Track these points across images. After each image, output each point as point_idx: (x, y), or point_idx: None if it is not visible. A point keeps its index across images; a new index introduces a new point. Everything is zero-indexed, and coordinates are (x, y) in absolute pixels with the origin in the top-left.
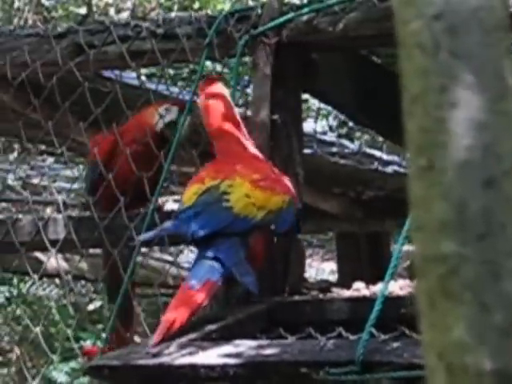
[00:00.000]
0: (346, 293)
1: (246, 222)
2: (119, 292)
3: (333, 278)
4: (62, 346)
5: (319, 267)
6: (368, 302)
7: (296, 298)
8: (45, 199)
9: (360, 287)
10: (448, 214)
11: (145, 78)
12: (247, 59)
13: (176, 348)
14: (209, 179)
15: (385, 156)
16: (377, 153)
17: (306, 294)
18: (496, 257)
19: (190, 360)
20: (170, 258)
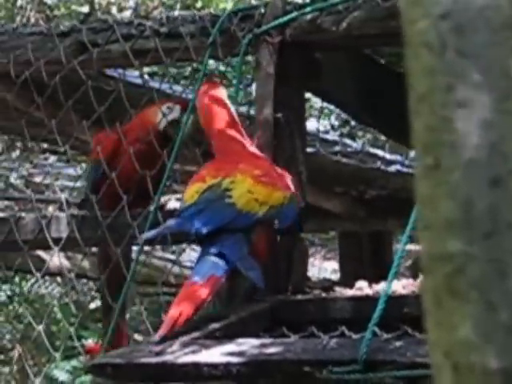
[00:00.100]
0: (349, 292)
1: (248, 218)
2: (117, 290)
3: (335, 277)
4: (64, 345)
5: (321, 266)
6: (371, 301)
7: (299, 296)
8: (47, 197)
9: (363, 286)
10: (454, 212)
11: (147, 77)
12: (250, 58)
13: (179, 346)
14: (210, 177)
15: (387, 155)
16: (379, 152)
17: (308, 293)
18: (502, 255)
19: (193, 358)
20: (171, 256)
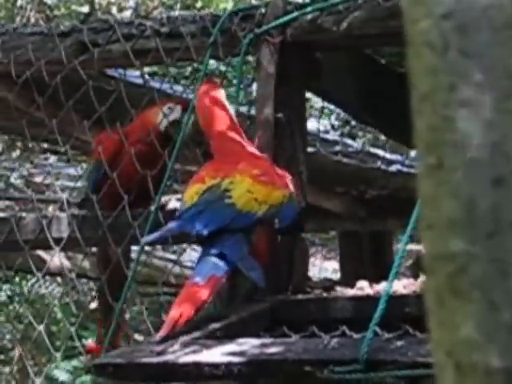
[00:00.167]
0: (350, 291)
1: (248, 218)
2: (116, 289)
3: (335, 276)
4: (64, 345)
5: (321, 266)
6: (372, 300)
7: (300, 296)
8: (47, 197)
9: (364, 286)
10: (457, 212)
11: (147, 77)
12: (250, 58)
13: (180, 346)
14: (209, 178)
15: (388, 155)
16: (380, 152)
17: (309, 293)
18: (505, 255)
19: (194, 358)
20: (172, 256)
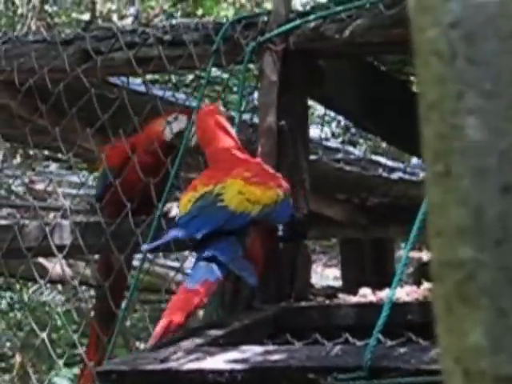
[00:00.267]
0: (353, 299)
1: (242, 218)
2: (117, 297)
3: (336, 284)
4: (64, 352)
5: (322, 273)
6: (374, 307)
7: (302, 303)
8: (49, 205)
9: (366, 293)
10: (465, 219)
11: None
12: (252, 66)
13: (183, 353)
14: (201, 186)
15: (390, 162)
16: (382, 159)
17: (312, 300)
18: None
19: (198, 365)
20: (173, 263)
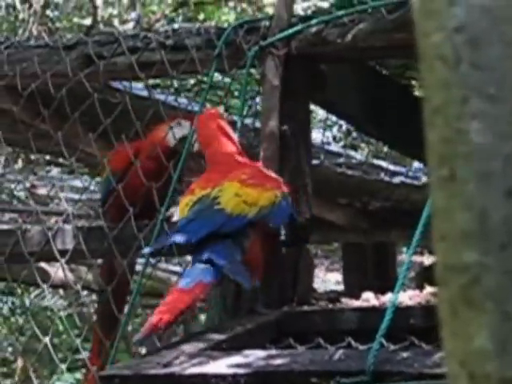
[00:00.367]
0: (355, 303)
1: (239, 220)
2: (119, 302)
3: (338, 288)
4: (65, 357)
5: (324, 278)
6: (377, 312)
7: (305, 308)
8: (51, 209)
9: (369, 297)
10: (470, 224)
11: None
12: (253, 71)
13: (186, 358)
14: (199, 189)
15: (391, 167)
16: (383, 163)
17: (314, 305)
18: None
19: (201, 370)
20: (175, 268)
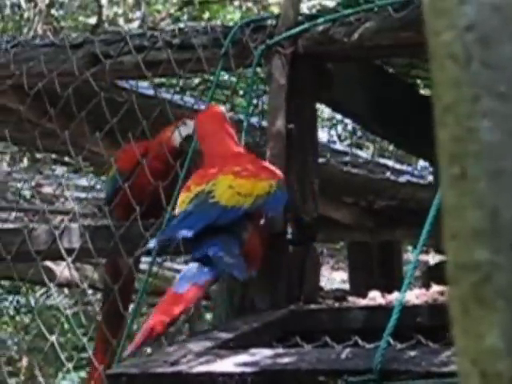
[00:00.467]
0: (362, 302)
1: (234, 212)
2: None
3: (343, 287)
4: (71, 356)
5: (329, 277)
6: (384, 310)
7: (312, 306)
8: (56, 208)
9: (376, 296)
10: (481, 222)
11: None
12: (259, 69)
13: (193, 356)
14: (194, 186)
15: (397, 165)
16: (389, 162)
17: (321, 303)
18: None
19: (208, 368)
20: (180, 266)
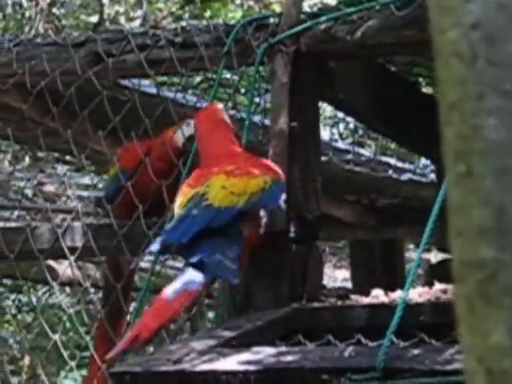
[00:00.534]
0: (365, 300)
1: (228, 213)
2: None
3: (345, 285)
4: (72, 354)
5: (331, 275)
6: (387, 309)
7: (314, 304)
8: (58, 207)
9: (379, 294)
10: (487, 220)
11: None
12: (261, 68)
13: (196, 354)
14: (189, 189)
15: (399, 163)
16: (391, 160)
17: (324, 301)
18: None
19: (211, 366)
20: (181, 265)
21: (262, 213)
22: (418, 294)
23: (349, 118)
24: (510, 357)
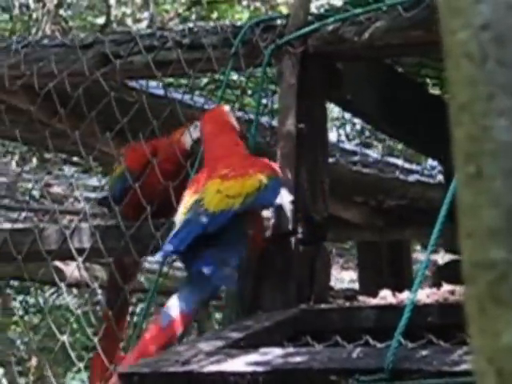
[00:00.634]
0: (373, 301)
1: (223, 216)
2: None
3: (353, 286)
4: (79, 355)
5: (339, 276)
6: (394, 310)
7: (322, 306)
8: (66, 208)
9: (386, 295)
10: (497, 221)
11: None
12: (269, 69)
13: (204, 356)
14: (189, 196)
15: (406, 164)
16: (398, 161)
17: (332, 303)
18: None
19: (219, 367)
20: None
21: (269, 214)
22: (425, 295)
23: (355, 119)
24: None
